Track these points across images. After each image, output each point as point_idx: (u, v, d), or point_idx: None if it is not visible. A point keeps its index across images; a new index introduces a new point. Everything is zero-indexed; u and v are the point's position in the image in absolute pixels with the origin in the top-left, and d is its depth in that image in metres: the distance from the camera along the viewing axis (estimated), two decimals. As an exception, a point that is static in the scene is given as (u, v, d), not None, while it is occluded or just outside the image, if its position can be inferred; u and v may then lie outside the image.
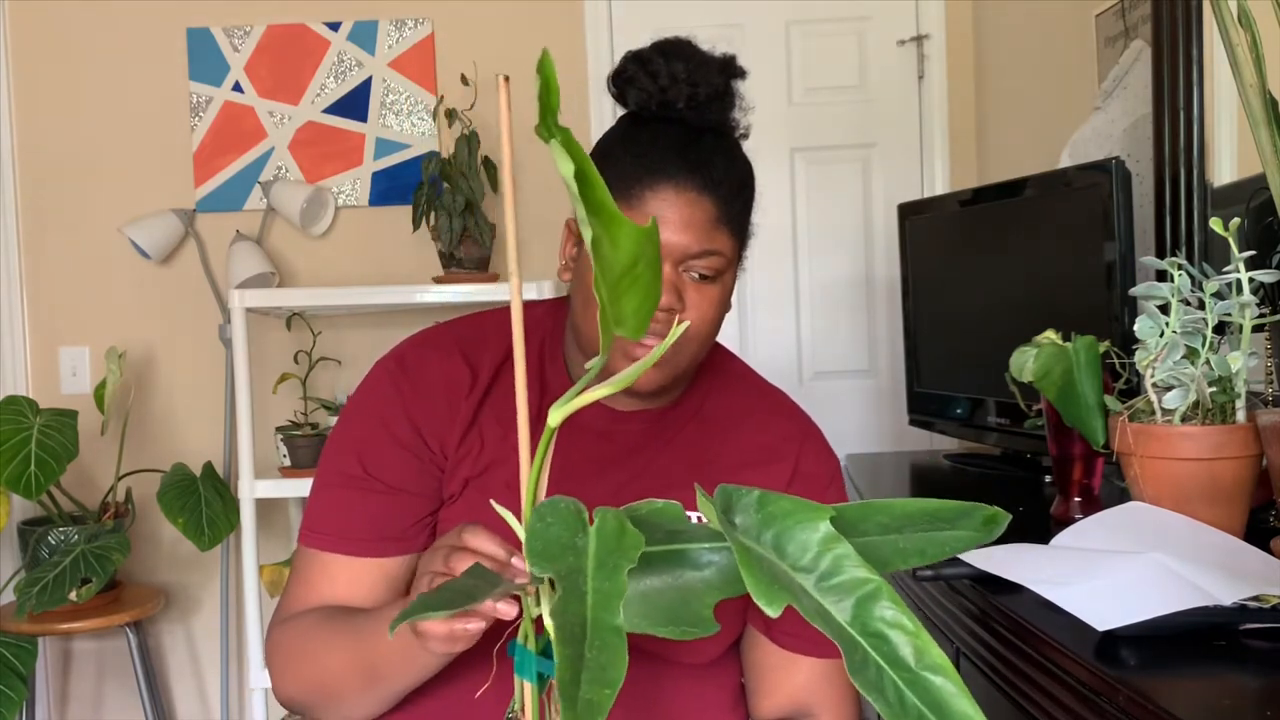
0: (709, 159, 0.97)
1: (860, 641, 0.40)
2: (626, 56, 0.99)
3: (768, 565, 0.43)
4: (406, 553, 0.97)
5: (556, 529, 0.46)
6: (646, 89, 0.97)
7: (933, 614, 1.13)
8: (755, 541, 0.45)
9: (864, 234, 2.70)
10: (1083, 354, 1.13)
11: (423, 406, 0.99)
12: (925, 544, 0.46)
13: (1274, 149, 0.87)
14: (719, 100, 0.99)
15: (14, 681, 2.20)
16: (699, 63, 0.98)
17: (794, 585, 0.43)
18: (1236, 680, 0.73)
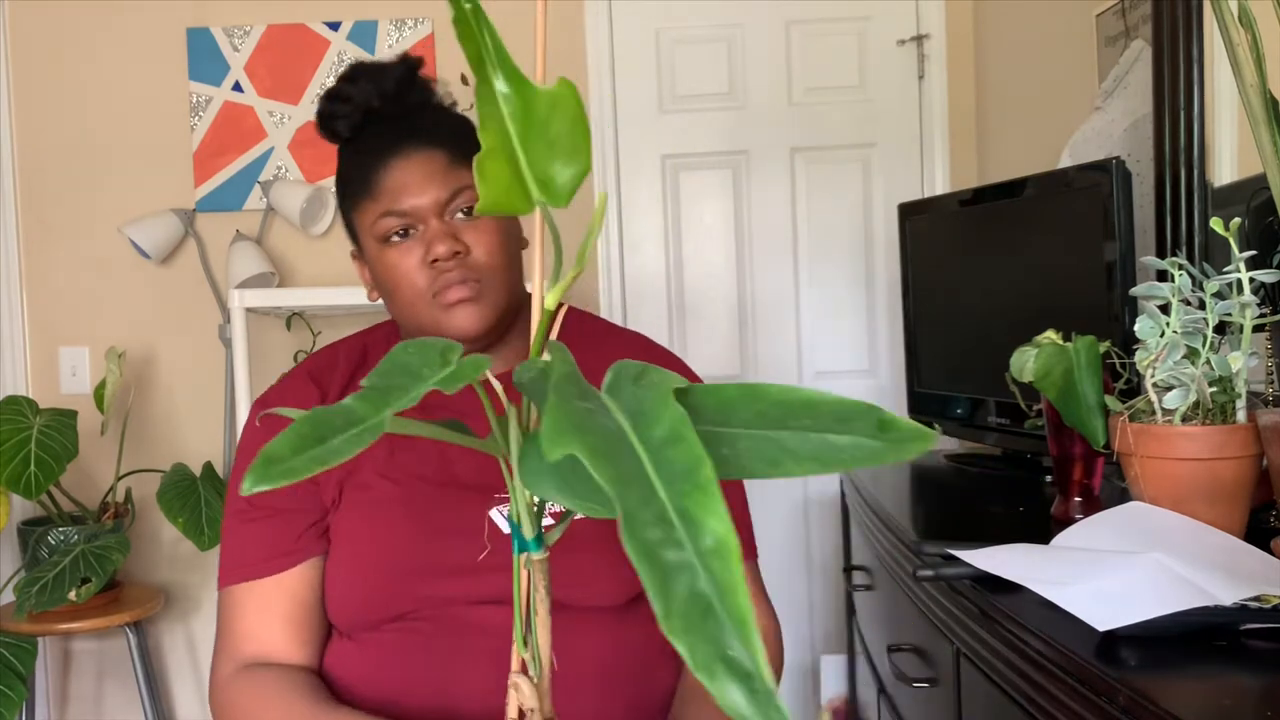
0: (418, 122, 1.05)
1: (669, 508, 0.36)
2: (321, 99, 1.08)
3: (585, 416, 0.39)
4: (298, 563, 1.03)
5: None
6: (347, 114, 1.06)
7: (932, 614, 1.13)
8: (614, 401, 0.42)
9: (864, 234, 2.70)
10: (1083, 354, 1.12)
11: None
12: (820, 449, 0.40)
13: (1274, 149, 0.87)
14: (406, 84, 1.06)
15: (14, 681, 2.20)
16: (377, 69, 1.06)
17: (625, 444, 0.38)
18: (1236, 680, 0.73)
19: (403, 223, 1.02)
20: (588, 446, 0.38)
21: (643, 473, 0.37)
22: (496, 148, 0.45)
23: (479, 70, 0.45)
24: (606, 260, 2.70)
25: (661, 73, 2.70)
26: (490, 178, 0.46)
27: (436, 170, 1.02)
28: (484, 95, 0.45)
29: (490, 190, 0.46)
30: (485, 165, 0.46)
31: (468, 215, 1.03)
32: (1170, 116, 1.47)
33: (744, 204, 2.71)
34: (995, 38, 2.55)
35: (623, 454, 0.38)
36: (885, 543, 1.40)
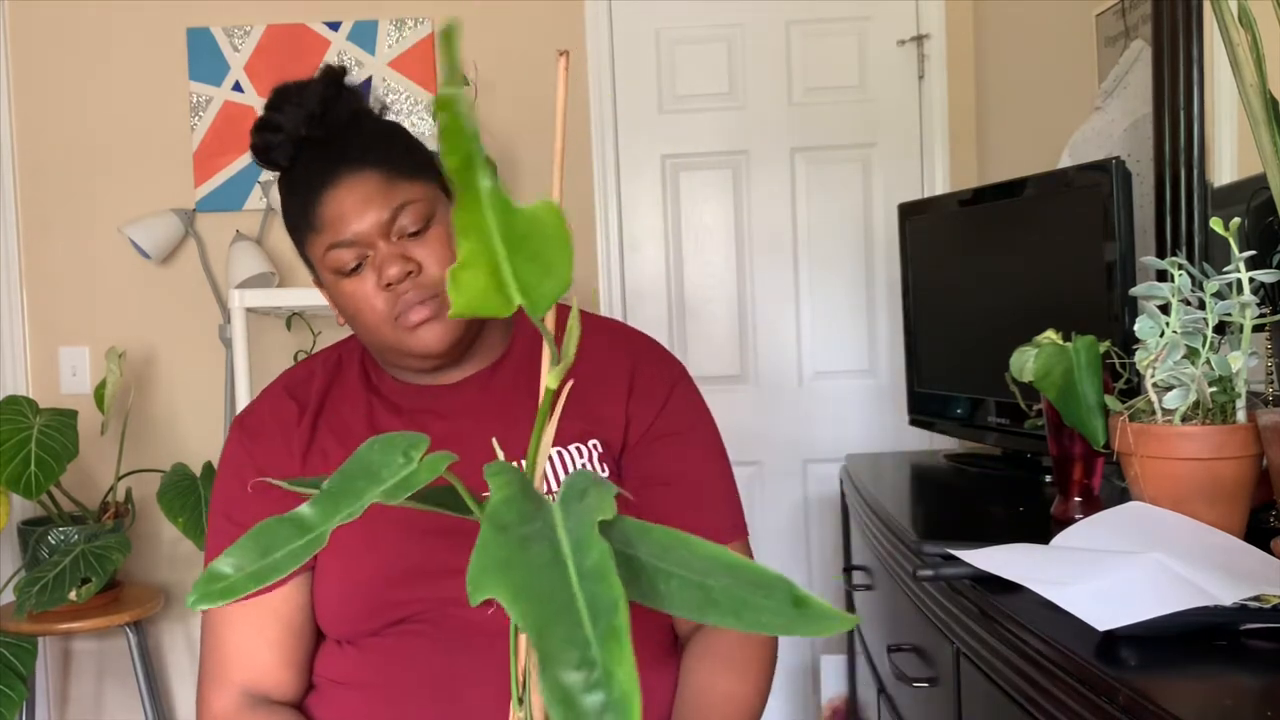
0: (347, 145, 1.02)
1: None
2: (251, 133, 1.05)
3: (517, 549, 0.40)
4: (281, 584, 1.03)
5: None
6: (279, 142, 1.02)
7: (932, 614, 1.13)
8: (563, 517, 0.42)
9: (864, 234, 2.71)
10: (1083, 354, 1.13)
11: (263, 450, 1.07)
12: (740, 607, 0.42)
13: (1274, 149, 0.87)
14: (334, 102, 1.03)
15: (14, 681, 2.20)
16: (299, 90, 1.03)
17: (558, 575, 0.39)
18: (1236, 680, 0.73)
19: (351, 252, 1.00)
20: (511, 587, 0.38)
21: (573, 607, 0.37)
22: (477, 256, 0.44)
23: (463, 177, 0.43)
24: (606, 260, 2.71)
25: (661, 73, 2.70)
26: (465, 286, 0.45)
27: (373, 192, 0.99)
28: (467, 204, 0.44)
29: (464, 296, 0.45)
30: (460, 276, 0.44)
31: (415, 234, 1.00)
32: (1170, 116, 1.47)
33: (744, 204, 2.72)
34: (995, 38, 2.56)
35: (553, 587, 0.38)
36: (885, 543, 1.40)
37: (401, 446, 0.48)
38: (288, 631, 1.03)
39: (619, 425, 1.07)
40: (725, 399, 2.67)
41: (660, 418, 1.09)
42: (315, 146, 1.02)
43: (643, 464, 1.07)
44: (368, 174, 1.00)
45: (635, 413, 1.08)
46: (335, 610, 1.03)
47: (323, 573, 1.03)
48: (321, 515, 0.45)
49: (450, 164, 0.43)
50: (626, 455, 1.08)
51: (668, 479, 1.07)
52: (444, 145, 0.43)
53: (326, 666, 1.05)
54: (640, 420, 1.08)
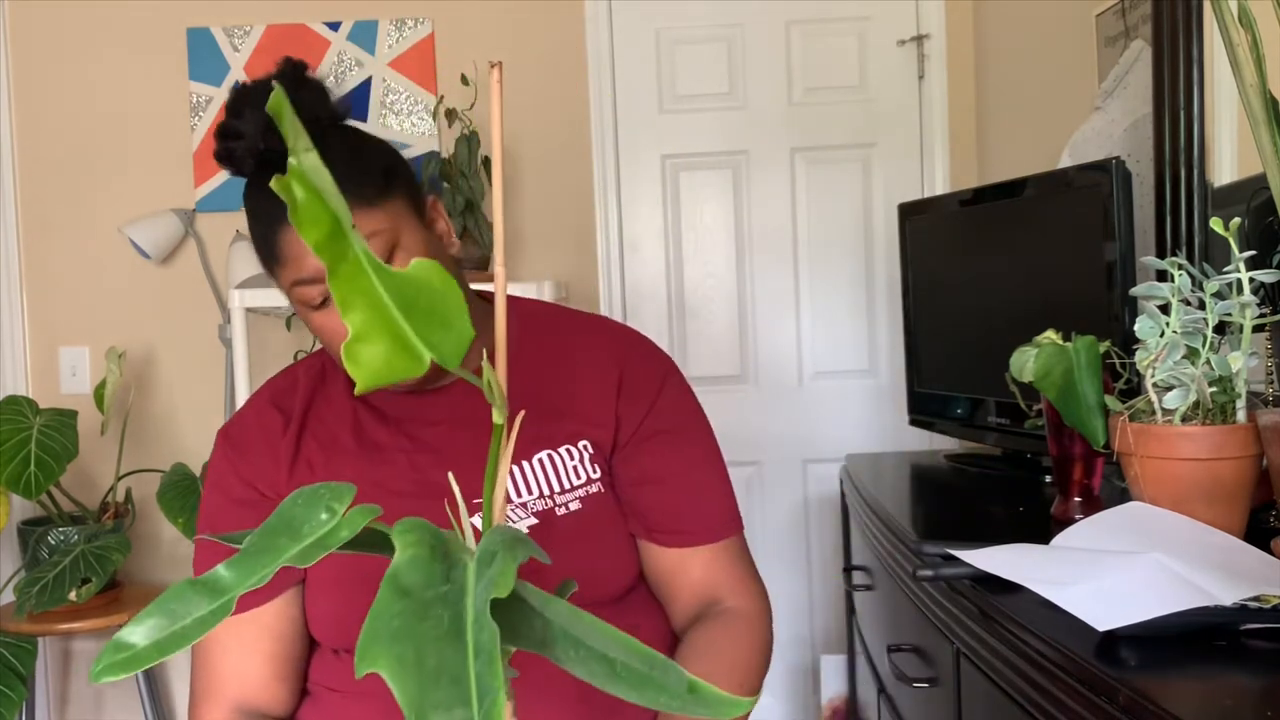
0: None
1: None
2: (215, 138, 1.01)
3: (412, 616, 0.38)
4: (271, 598, 1.01)
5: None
6: (241, 151, 0.98)
7: (932, 614, 1.13)
8: (477, 578, 0.40)
9: (864, 234, 2.71)
10: (1083, 354, 1.13)
11: (249, 462, 1.05)
12: (641, 683, 0.41)
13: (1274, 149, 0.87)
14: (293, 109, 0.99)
15: (14, 681, 2.20)
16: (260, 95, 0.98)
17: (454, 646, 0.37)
18: (1236, 680, 0.73)
19: (317, 289, 0.96)
20: (396, 660, 0.36)
21: (463, 683, 0.36)
22: (372, 325, 0.42)
23: (330, 250, 0.41)
24: (606, 260, 2.70)
25: (661, 73, 2.70)
26: (367, 359, 0.43)
27: None
28: (345, 276, 0.42)
29: (367, 369, 0.43)
30: (359, 350, 0.43)
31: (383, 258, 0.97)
32: (1170, 116, 1.47)
33: (744, 204, 2.72)
34: (995, 38, 2.55)
35: (443, 662, 0.36)
36: (885, 543, 1.40)
37: (325, 500, 0.45)
38: (280, 645, 1.02)
39: (609, 425, 1.06)
40: (725, 399, 2.68)
41: (650, 416, 1.08)
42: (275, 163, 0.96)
43: (635, 463, 1.07)
44: None
45: (625, 412, 1.07)
46: (329, 619, 1.02)
47: (314, 584, 1.02)
48: (236, 578, 0.43)
49: (313, 237, 0.41)
50: (618, 455, 1.07)
51: (661, 477, 1.07)
52: (303, 219, 0.40)
53: (323, 674, 1.04)
54: (631, 419, 1.07)
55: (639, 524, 1.06)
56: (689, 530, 1.06)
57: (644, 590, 1.09)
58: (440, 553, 0.41)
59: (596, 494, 1.04)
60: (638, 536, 1.07)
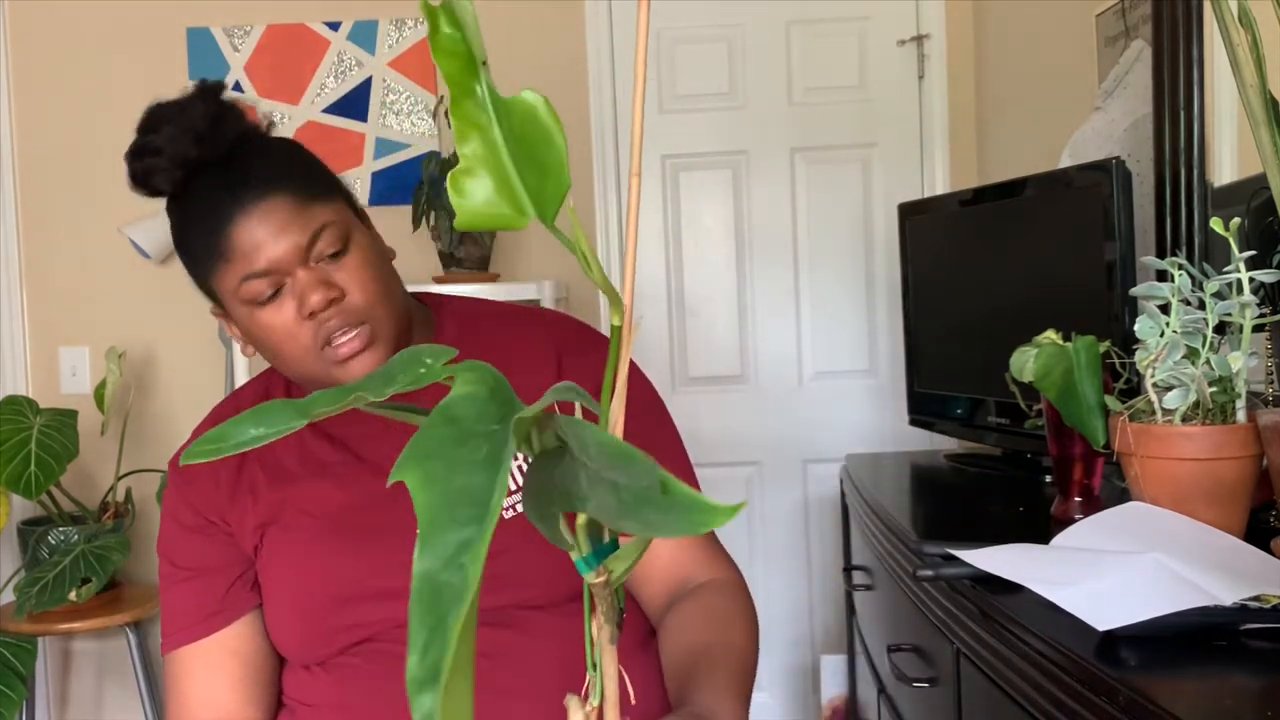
0: (247, 170, 0.95)
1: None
2: (126, 157, 0.98)
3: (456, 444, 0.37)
4: (231, 621, 1.02)
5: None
6: (162, 166, 0.96)
7: (932, 614, 1.13)
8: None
9: (864, 234, 2.70)
10: (1083, 354, 1.13)
11: (195, 490, 1.05)
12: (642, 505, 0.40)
13: (1274, 149, 0.87)
14: (219, 121, 0.97)
15: (14, 681, 2.20)
16: (178, 110, 0.98)
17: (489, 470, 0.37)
18: (1236, 680, 0.73)
19: (268, 282, 0.94)
20: (424, 475, 0.36)
21: (484, 505, 0.35)
22: (482, 162, 0.43)
23: (461, 83, 0.42)
24: (606, 260, 2.71)
25: (661, 73, 2.70)
26: (467, 192, 0.43)
27: (286, 216, 0.93)
28: (468, 111, 0.42)
29: (469, 205, 0.43)
30: (462, 181, 0.43)
31: (333, 257, 0.96)
32: (1170, 116, 1.47)
33: (744, 204, 2.72)
34: (995, 38, 2.56)
35: (470, 485, 0.36)
36: (885, 543, 1.40)
37: (424, 354, 0.46)
38: (246, 668, 1.02)
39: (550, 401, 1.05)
40: (725, 399, 2.68)
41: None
42: (209, 171, 0.96)
43: None
44: (278, 198, 0.94)
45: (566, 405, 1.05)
46: (288, 638, 1.02)
47: (270, 604, 1.02)
48: (329, 400, 0.43)
49: (448, 67, 0.41)
50: None
51: None
52: (443, 47, 0.41)
53: (297, 690, 1.04)
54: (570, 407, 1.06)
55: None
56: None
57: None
58: (499, 398, 0.40)
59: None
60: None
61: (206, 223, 0.95)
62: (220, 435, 0.43)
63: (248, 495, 1.03)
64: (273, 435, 0.43)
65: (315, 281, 0.94)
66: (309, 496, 1.02)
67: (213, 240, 0.94)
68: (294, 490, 1.02)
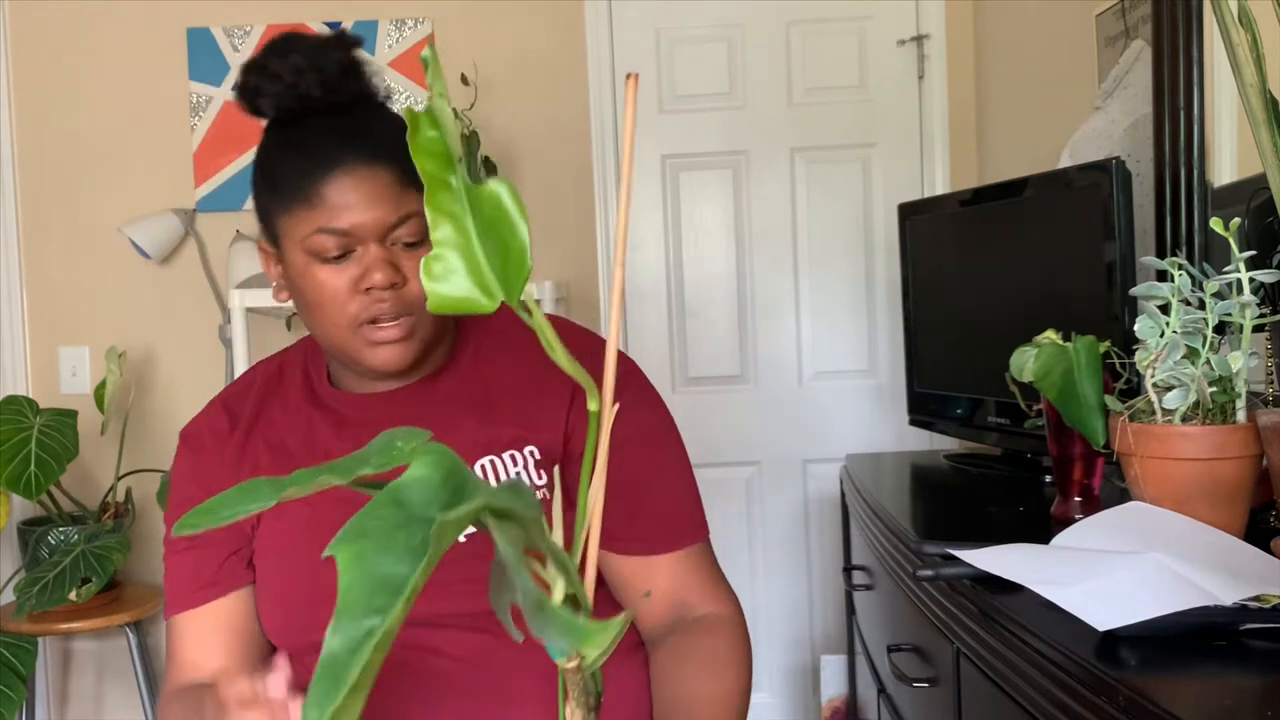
0: (367, 131, 0.95)
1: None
2: (242, 70, 0.97)
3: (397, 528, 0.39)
4: (226, 593, 1.03)
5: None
6: (275, 91, 0.95)
7: (932, 614, 1.13)
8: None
9: (864, 234, 2.71)
10: (1083, 354, 1.13)
11: (199, 465, 1.06)
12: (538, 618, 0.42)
13: (1274, 149, 0.87)
14: (350, 73, 0.98)
15: (14, 681, 2.20)
16: (313, 46, 0.97)
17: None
18: (1236, 680, 0.73)
19: (341, 243, 0.94)
20: (353, 553, 0.37)
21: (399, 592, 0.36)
22: (454, 247, 0.45)
23: (441, 165, 0.44)
24: (606, 260, 2.70)
25: (661, 73, 2.70)
26: (439, 276, 0.46)
27: (384, 190, 0.93)
28: (442, 190, 0.45)
29: (442, 291, 0.46)
30: (433, 265, 0.45)
31: (408, 245, 0.95)
32: (1170, 116, 1.47)
33: (744, 204, 2.72)
34: (995, 38, 2.56)
35: (394, 572, 0.37)
36: (885, 543, 1.40)
37: (399, 438, 0.46)
38: (239, 640, 1.03)
39: (558, 434, 1.03)
40: (725, 399, 2.68)
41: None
42: (323, 115, 0.96)
43: None
44: (383, 169, 0.94)
45: (578, 423, 1.03)
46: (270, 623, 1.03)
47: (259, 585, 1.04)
48: (306, 478, 0.45)
49: (426, 166, 0.44)
50: (570, 464, 1.03)
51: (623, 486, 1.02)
52: (422, 148, 0.44)
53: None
54: (583, 429, 1.03)
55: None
56: (649, 538, 1.03)
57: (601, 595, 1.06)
58: (451, 483, 0.41)
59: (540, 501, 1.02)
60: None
61: (304, 165, 0.94)
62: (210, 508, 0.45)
63: (251, 470, 1.04)
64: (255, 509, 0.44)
65: (385, 261, 0.94)
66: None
67: (304, 183, 0.93)
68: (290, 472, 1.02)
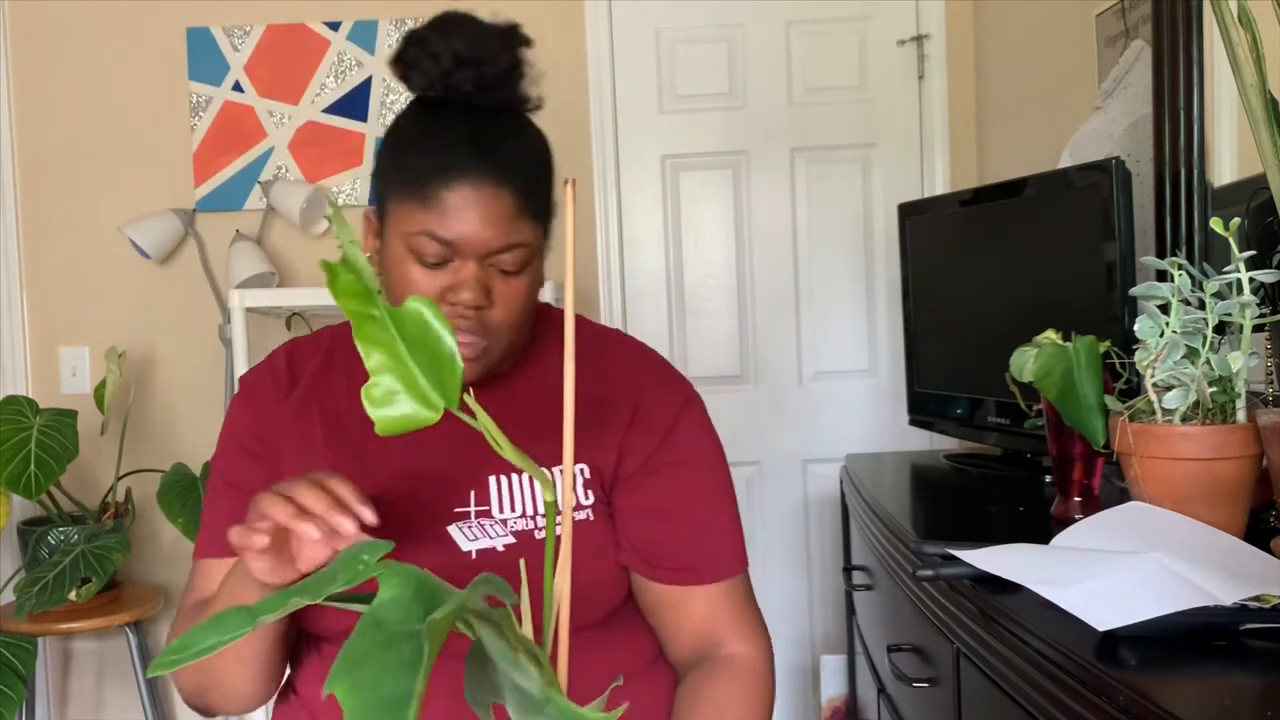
0: (503, 147, 0.93)
1: None
2: (406, 37, 0.95)
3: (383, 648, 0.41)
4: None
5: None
6: (429, 72, 0.93)
7: (932, 614, 1.13)
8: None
9: (864, 234, 2.71)
10: (1083, 354, 1.13)
11: (256, 414, 1.06)
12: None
13: (1274, 149, 0.87)
14: (507, 77, 0.95)
15: (14, 681, 2.20)
16: (480, 37, 0.93)
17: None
18: (1236, 680, 0.73)
19: (442, 252, 0.92)
20: (353, 684, 0.39)
21: (407, 705, 0.38)
22: (389, 370, 0.48)
23: (363, 302, 0.47)
24: (606, 260, 2.70)
25: (661, 73, 2.70)
26: (380, 402, 0.48)
27: (502, 214, 0.92)
28: (368, 322, 0.48)
29: (386, 415, 0.49)
30: (373, 392, 0.48)
31: (504, 271, 0.94)
32: (1170, 116, 1.47)
33: (744, 204, 2.72)
34: (995, 38, 2.56)
35: (395, 689, 0.39)
36: (885, 543, 1.40)
37: (363, 551, 0.50)
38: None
39: (612, 452, 1.02)
40: (725, 399, 2.68)
41: (662, 448, 1.04)
42: (468, 113, 0.93)
43: (642, 495, 1.02)
44: (506, 192, 0.91)
45: (634, 443, 1.03)
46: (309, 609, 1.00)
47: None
48: (276, 603, 0.47)
49: (348, 305, 0.47)
50: (622, 485, 1.03)
51: (669, 513, 1.03)
52: (342, 290, 0.47)
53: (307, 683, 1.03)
54: (639, 450, 1.03)
55: (638, 558, 1.02)
56: (693, 568, 1.02)
57: (628, 608, 1.06)
58: (423, 596, 0.43)
59: (584, 522, 1.00)
60: (636, 572, 1.03)
61: (432, 161, 0.92)
62: (183, 645, 0.46)
63: (302, 443, 1.03)
64: (227, 640, 0.46)
65: (479, 281, 0.93)
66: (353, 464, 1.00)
67: (426, 178, 0.91)
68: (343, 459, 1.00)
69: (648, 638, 1.07)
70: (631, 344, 1.12)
